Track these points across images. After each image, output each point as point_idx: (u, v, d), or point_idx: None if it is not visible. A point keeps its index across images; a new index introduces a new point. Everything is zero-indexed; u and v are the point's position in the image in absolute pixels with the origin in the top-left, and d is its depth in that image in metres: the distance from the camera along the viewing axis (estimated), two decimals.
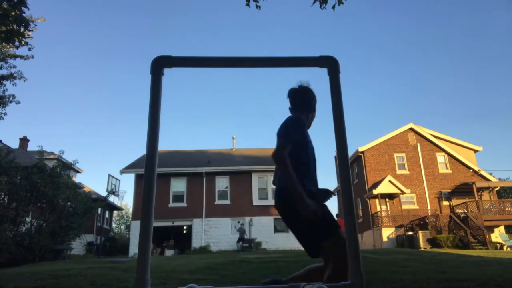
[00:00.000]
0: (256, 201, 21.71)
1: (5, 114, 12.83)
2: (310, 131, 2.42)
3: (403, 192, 23.59)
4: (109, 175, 21.33)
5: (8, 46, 11.58)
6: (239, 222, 18.85)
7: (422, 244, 19.17)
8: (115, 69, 71.45)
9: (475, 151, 26.49)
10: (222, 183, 22.31)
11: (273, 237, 20.81)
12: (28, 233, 12.77)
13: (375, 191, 23.31)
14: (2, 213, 12.31)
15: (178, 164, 22.67)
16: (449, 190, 24.27)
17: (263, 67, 1.93)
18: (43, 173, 13.91)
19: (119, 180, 22.18)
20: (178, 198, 21.85)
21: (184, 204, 21.71)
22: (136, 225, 20.58)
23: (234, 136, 27.38)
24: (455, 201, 23.73)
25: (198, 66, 2.09)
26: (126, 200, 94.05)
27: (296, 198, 1.97)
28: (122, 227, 46.91)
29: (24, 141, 25.09)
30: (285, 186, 2.12)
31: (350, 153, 22.48)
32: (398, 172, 24.85)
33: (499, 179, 32.58)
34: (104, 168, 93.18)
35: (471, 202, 21.82)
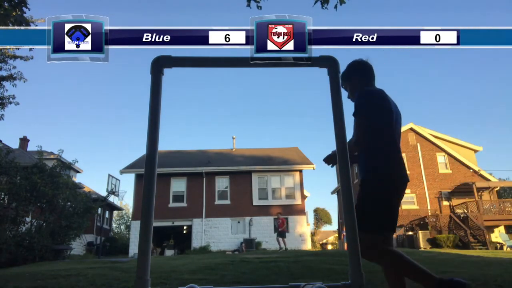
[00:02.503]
0: (256, 201, 21.70)
1: (2, 115, 12.78)
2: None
3: None
4: (109, 175, 21.32)
5: (8, 47, 11.56)
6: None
7: (422, 244, 19.16)
8: (115, 68, 71.53)
9: (475, 151, 26.47)
10: (222, 183, 22.31)
11: (273, 237, 20.77)
12: (28, 233, 12.75)
13: None
14: (2, 213, 12.30)
15: (178, 164, 22.67)
16: (449, 190, 24.25)
17: (264, 67, 1.93)
18: (43, 173, 13.90)
19: (119, 180, 22.17)
20: (178, 198, 21.84)
21: (184, 204, 21.70)
22: (136, 225, 20.57)
23: (234, 136, 27.40)
24: (455, 201, 23.71)
25: (198, 66, 2.08)
26: (126, 200, 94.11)
27: None
28: (122, 227, 46.83)
29: (24, 141, 25.07)
30: None
31: None
32: None
33: (499, 179, 32.53)
34: (104, 168, 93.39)
35: (471, 202, 21.80)
